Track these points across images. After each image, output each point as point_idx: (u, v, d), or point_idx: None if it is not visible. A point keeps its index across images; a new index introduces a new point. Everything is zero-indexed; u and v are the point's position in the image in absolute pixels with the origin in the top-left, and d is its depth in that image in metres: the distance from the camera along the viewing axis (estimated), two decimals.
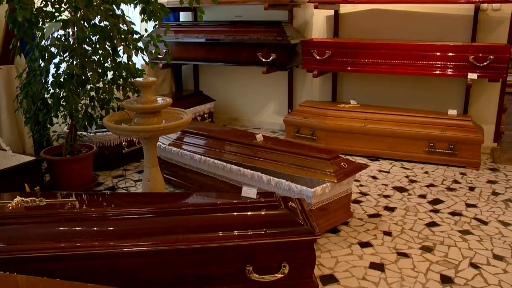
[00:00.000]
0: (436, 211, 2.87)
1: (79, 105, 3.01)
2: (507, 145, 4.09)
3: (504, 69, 3.51)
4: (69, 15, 2.90)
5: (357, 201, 3.02)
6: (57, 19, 2.80)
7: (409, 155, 3.78)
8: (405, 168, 3.65)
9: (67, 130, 3.23)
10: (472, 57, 3.54)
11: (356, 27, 4.34)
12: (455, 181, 3.36)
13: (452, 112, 3.81)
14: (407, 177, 3.46)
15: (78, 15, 2.80)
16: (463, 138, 3.59)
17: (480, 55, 3.52)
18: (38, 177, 3.00)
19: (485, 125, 3.99)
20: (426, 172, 3.55)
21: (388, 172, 3.57)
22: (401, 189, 3.22)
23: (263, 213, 1.96)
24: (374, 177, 3.46)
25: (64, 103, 2.98)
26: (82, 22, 2.76)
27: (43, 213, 1.92)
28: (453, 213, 2.84)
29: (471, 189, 3.22)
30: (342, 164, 2.63)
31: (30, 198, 2.00)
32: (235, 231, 1.88)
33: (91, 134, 3.48)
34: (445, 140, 3.64)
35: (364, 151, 3.93)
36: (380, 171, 3.60)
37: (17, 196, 2.00)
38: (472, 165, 3.62)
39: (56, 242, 1.77)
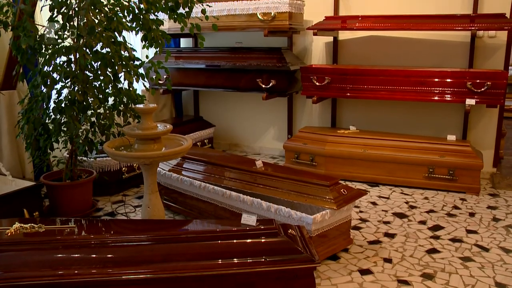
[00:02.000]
0: (436, 237, 2.86)
1: (80, 130, 3.03)
2: (506, 170, 4.09)
3: (501, 94, 3.54)
4: (72, 42, 2.94)
5: (357, 228, 3.00)
6: (60, 45, 2.84)
7: (408, 181, 3.78)
8: (405, 194, 3.65)
9: (67, 155, 3.24)
10: (469, 83, 3.57)
11: (355, 53, 4.40)
12: (455, 207, 3.35)
13: (451, 137, 3.82)
14: (407, 203, 3.46)
15: (81, 42, 2.84)
16: (463, 163, 3.60)
17: (478, 81, 3.56)
18: (37, 202, 2.99)
19: (484, 150, 4.00)
20: (426, 198, 3.55)
21: (387, 198, 3.56)
22: (401, 215, 3.21)
23: (262, 240, 1.96)
24: (373, 203, 3.45)
25: (65, 129, 3.00)
26: (84, 48, 2.80)
27: (42, 239, 1.92)
28: (454, 240, 2.83)
29: (471, 215, 3.21)
30: (341, 190, 2.63)
31: (29, 225, 2.00)
32: (235, 259, 1.87)
33: (91, 159, 3.49)
34: (444, 166, 3.65)
35: (363, 177, 3.93)
36: (379, 197, 3.59)
37: (16, 222, 2.00)
38: (472, 191, 3.61)
39: (54, 270, 1.77)
